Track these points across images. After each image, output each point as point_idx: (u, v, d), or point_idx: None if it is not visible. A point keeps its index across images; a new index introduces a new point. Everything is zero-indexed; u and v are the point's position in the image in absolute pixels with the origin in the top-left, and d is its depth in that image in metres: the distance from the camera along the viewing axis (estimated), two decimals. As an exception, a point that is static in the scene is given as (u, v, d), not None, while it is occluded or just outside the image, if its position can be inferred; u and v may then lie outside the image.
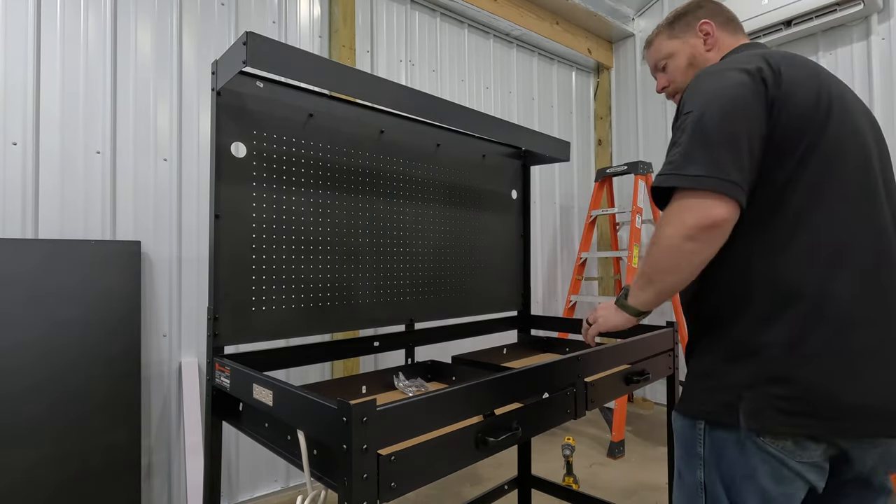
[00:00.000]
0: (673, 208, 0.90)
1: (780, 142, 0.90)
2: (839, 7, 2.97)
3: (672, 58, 1.21)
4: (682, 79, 1.20)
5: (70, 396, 1.95)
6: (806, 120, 0.90)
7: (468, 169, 2.02)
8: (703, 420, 0.94)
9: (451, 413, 1.02)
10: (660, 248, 0.92)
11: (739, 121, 0.89)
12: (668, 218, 0.90)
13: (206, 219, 2.39)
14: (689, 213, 0.87)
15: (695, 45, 1.18)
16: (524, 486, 2.19)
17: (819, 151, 0.90)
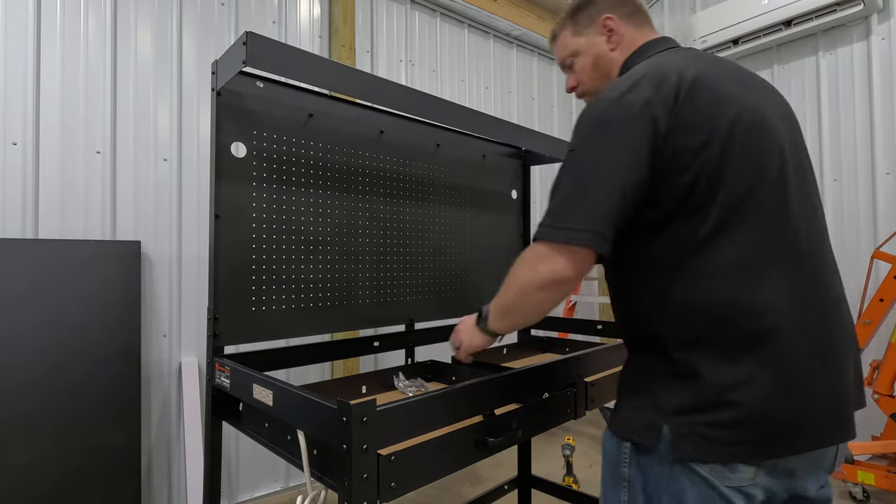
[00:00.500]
0: (533, 252, 0.89)
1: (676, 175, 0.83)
2: (839, 7, 2.97)
3: (577, 56, 1.12)
4: (589, 81, 1.12)
5: (70, 396, 1.95)
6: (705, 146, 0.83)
7: (468, 169, 2.02)
8: (629, 442, 0.89)
9: (451, 413, 1.02)
10: (513, 289, 0.95)
11: (617, 165, 0.83)
12: (527, 261, 0.91)
13: (206, 219, 2.39)
14: (544, 264, 0.87)
15: (599, 43, 1.08)
16: (524, 486, 2.19)
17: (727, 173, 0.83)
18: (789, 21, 3.15)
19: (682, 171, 0.83)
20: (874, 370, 2.55)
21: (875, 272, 2.76)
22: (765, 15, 3.18)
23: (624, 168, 0.83)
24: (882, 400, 2.46)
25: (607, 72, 1.08)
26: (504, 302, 1.00)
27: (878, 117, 3.02)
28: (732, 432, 0.80)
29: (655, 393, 0.87)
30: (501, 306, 1.02)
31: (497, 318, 1.05)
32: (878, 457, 2.63)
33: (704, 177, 0.83)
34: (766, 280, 0.83)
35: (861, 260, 3.01)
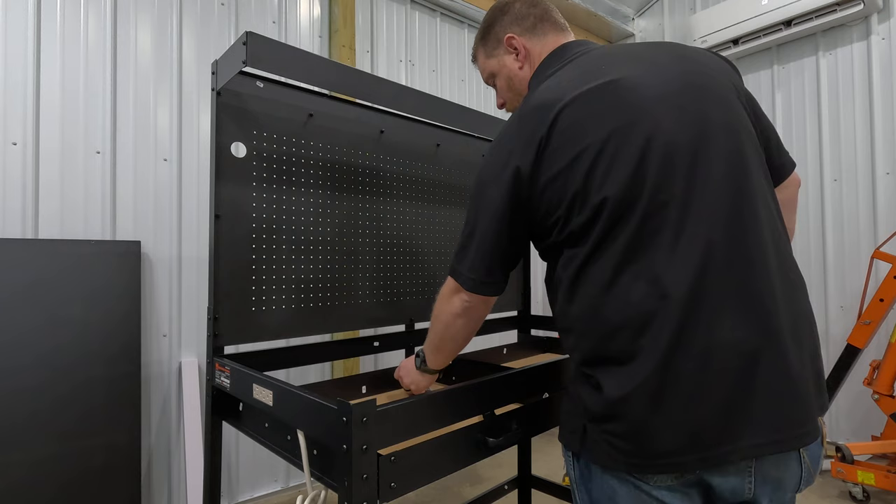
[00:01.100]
0: (447, 287, 1.05)
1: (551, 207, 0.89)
2: (839, 7, 2.98)
3: (495, 77, 1.15)
4: (510, 101, 1.15)
5: (70, 396, 1.95)
6: (567, 172, 0.85)
7: (468, 169, 2.02)
8: (568, 449, 0.92)
9: (451, 413, 1.02)
10: (439, 323, 1.08)
11: (492, 217, 0.95)
12: (444, 296, 1.06)
13: (206, 219, 2.39)
14: (456, 297, 1.02)
15: (508, 63, 1.10)
16: (524, 486, 2.19)
17: (591, 195, 0.83)
18: (789, 21, 3.15)
19: (553, 204, 0.89)
20: (874, 370, 2.55)
21: (875, 272, 2.76)
22: (765, 15, 3.18)
23: (496, 220, 0.94)
24: (882, 400, 2.46)
25: (520, 90, 1.10)
26: (434, 338, 1.12)
27: (878, 117, 3.02)
28: (626, 443, 0.80)
29: (580, 398, 0.89)
30: (433, 344, 1.13)
31: (432, 356, 1.16)
32: (878, 457, 2.63)
33: (574, 205, 0.86)
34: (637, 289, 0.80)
35: (861, 260, 3.02)
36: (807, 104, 3.31)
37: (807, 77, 3.31)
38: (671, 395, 0.78)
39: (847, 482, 2.47)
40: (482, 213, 0.96)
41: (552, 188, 0.88)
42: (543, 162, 0.88)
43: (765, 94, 3.50)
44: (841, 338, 2.88)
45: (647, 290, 0.80)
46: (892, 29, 3.00)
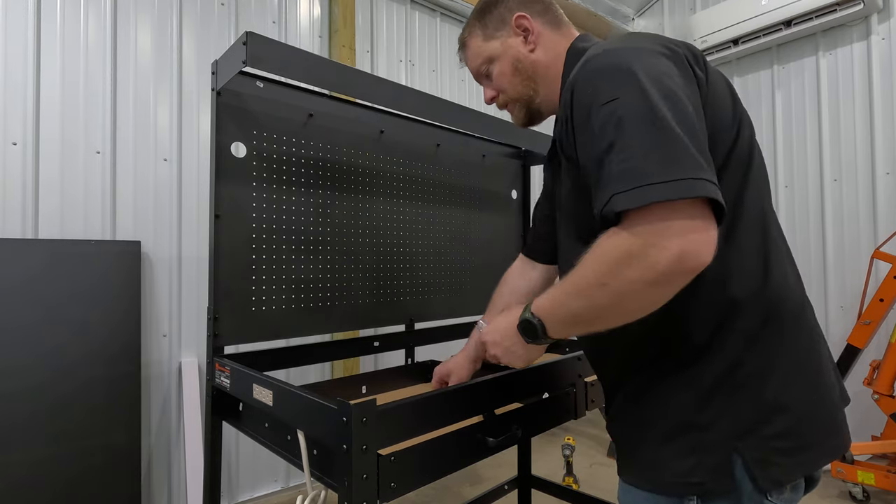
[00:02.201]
0: (645, 232, 0.63)
1: (710, 132, 0.72)
2: (839, 7, 2.98)
3: (494, 63, 1.01)
4: (511, 88, 1.01)
5: (70, 396, 1.95)
6: (728, 115, 0.77)
7: (468, 169, 2.02)
8: (694, 495, 0.72)
9: (451, 413, 1.02)
10: (610, 292, 0.67)
11: (689, 102, 0.69)
12: (632, 250, 0.64)
13: (206, 219, 2.39)
14: (666, 250, 0.62)
15: (515, 45, 0.98)
16: (524, 486, 2.19)
17: (738, 152, 0.77)
18: (789, 21, 3.15)
19: (722, 134, 0.75)
20: (874, 370, 2.55)
21: (875, 272, 2.76)
22: (765, 15, 3.18)
23: (693, 113, 0.68)
24: (882, 400, 2.46)
25: (530, 75, 0.98)
26: (580, 308, 0.73)
27: (878, 117, 3.02)
28: (802, 436, 0.72)
29: (709, 422, 0.72)
30: (574, 314, 0.74)
31: (563, 327, 0.79)
32: (878, 457, 2.63)
33: (738, 150, 0.76)
34: (793, 274, 0.82)
35: (861, 260, 3.01)
36: (807, 104, 3.31)
37: (807, 77, 3.31)
38: (815, 373, 0.77)
39: (847, 482, 2.47)
40: (673, 89, 0.70)
41: (718, 118, 0.79)
42: (711, 91, 0.78)
43: (765, 94, 3.51)
44: (841, 338, 2.88)
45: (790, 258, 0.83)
46: (892, 29, 3.00)
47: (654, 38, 0.77)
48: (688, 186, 0.61)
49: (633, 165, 0.64)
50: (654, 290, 0.65)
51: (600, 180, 0.68)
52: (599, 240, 0.68)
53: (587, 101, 0.72)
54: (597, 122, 0.70)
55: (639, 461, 0.79)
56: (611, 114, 0.68)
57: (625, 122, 0.66)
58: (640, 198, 0.62)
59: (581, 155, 0.75)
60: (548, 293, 0.79)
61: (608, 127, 0.68)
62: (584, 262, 0.70)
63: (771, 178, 3.41)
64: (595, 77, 0.72)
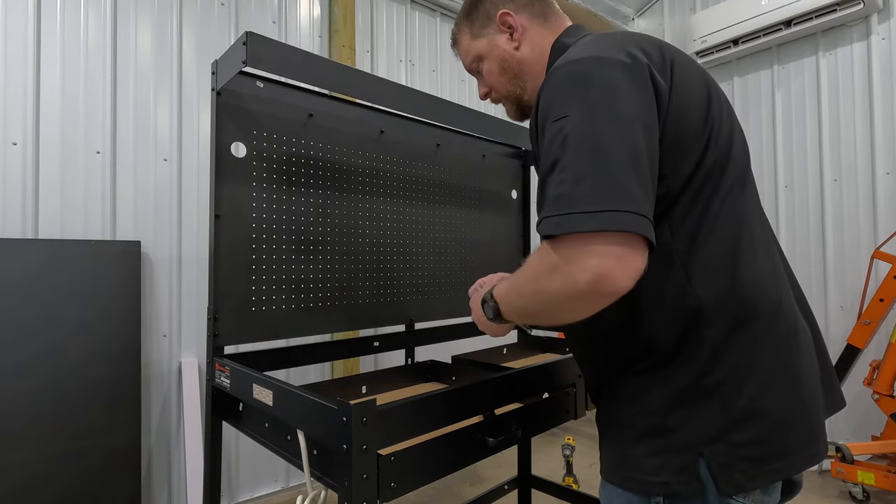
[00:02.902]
0: (565, 254, 0.66)
1: (674, 144, 0.74)
2: (839, 7, 2.98)
3: (483, 61, 1.01)
4: (500, 87, 1.01)
5: (70, 396, 1.95)
6: (697, 123, 0.77)
7: (468, 169, 2.02)
8: (660, 496, 0.74)
9: (451, 413, 1.02)
10: (537, 298, 0.73)
11: (638, 128, 0.69)
12: (555, 266, 0.67)
13: (206, 219, 2.39)
14: (583, 272, 0.64)
15: (501, 43, 0.97)
16: (524, 486, 2.19)
17: (708, 164, 0.77)
18: (789, 21, 3.15)
19: (686, 150, 0.75)
20: (874, 370, 2.55)
21: (875, 272, 2.76)
22: (765, 15, 3.18)
23: (640, 134, 0.69)
24: (882, 400, 2.46)
25: (517, 73, 0.98)
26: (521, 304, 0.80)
27: (878, 117, 3.02)
28: (773, 445, 0.72)
29: (676, 425, 0.74)
30: (519, 308, 0.82)
31: (516, 317, 0.85)
32: (878, 457, 2.63)
33: (708, 162, 0.76)
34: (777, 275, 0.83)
35: (861, 260, 3.01)
36: (807, 104, 3.31)
37: (807, 77, 3.31)
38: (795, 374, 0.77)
39: (847, 482, 2.47)
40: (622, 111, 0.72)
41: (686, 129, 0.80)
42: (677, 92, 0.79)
43: (765, 94, 3.51)
44: (841, 338, 2.88)
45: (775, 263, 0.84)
46: (892, 29, 3.00)
47: (624, 41, 0.77)
48: (609, 219, 0.63)
49: (564, 191, 0.67)
50: (577, 304, 0.69)
51: (540, 200, 0.73)
52: (536, 250, 0.74)
53: (544, 113, 0.74)
54: (547, 137, 0.72)
55: (613, 458, 0.81)
56: (559, 131, 0.70)
57: (568, 142, 0.68)
58: (563, 225, 0.66)
59: (539, 166, 0.77)
60: (504, 283, 0.84)
61: (554, 145, 0.70)
62: (525, 266, 0.76)
63: (771, 179, 3.44)
64: (553, 90, 0.74)
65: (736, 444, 0.71)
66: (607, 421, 0.85)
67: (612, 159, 0.66)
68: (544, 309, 0.75)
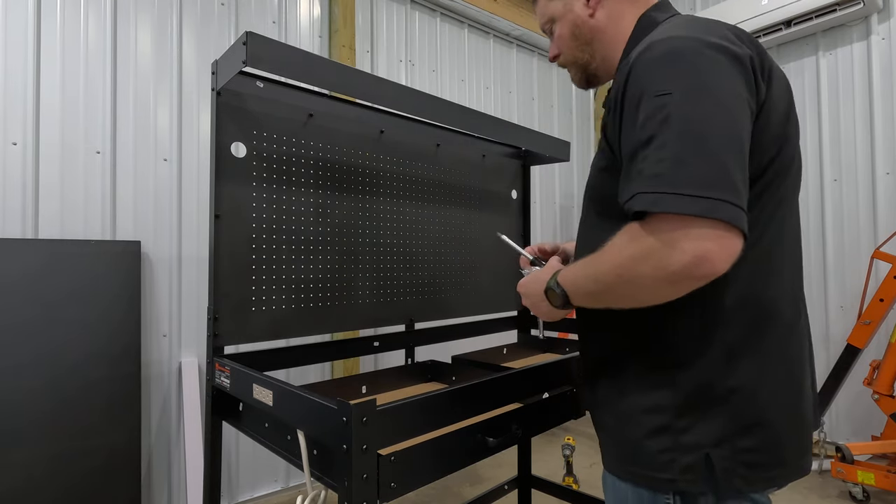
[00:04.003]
0: (662, 236, 0.65)
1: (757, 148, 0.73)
2: (839, 7, 2.97)
3: (556, 23, 0.99)
4: (568, 52, 0.99)
5: (70, 396, 1.95)
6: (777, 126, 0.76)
7: (468, 169, 2.02)
8: (669, 493, 0.76)
9: (451, 413, 1.02)
10: (620, 282, 0.71)
11: (741, 116, 0.68)
12: (649, 249, 0.66)
13: (206, 219, 2.39)
14: (681, 253, 0.64)
15: (575, 9, 0.95)
16: (524, 486, 2.19)
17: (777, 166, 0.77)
18: (789, 21, 3.15)
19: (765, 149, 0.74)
20: (874, 370, 2.55)
21: (875, 272, 2.76)
22: (765, 15, 3.18)
23: (743, 123, 0.68)
24: (882, 400, 2.46)
25: (588, 40, 0.96)
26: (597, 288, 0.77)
27: (878, 117, 3.02)
28: (773, 454, 0.74)
29: (686, 426, 0.74)
30: (591, 292, 0.79)
31: (584, 301, 0.82)
32: (878, 457, 2.63)
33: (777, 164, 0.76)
34: (794, 284, 0.83)
35: (861, 260, 3.01)
36: (807, 104, 3.31)
37: (807, 77, 3.31)
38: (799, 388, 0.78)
39: (847, 482, 2.47)
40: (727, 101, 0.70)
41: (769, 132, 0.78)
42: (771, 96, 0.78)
43: (765, 94, 3.50)
44: (841, 338, 2.88)
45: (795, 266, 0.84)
46: (892, 29, 3.00)
47: (726, 28, 0.75)
48: (711, 206, 0.62)
49: (664, 170, 0.65)
50: (665, 288, 0.68)
51: (630, 172, 0.70)
52: (622, 232, 0.71)
53: (640, 87, 0.71)
54: (643, 112, 0.69)
55: (619, 452, 0.82)
56: (660, 107, 0.68)
57: (671, 120, 0.66)
58: (661, 204, 0.64)
59: (623, 140, 0.74)
60: (571, 268, 0.82)
61: (653, 120, 0.68)
62: (605, 249, 0.73)
63: (771, 178, 3.43)
64: (653, 64, 0.71)
65: (740, 450, 0.73)
66: (613, 412, 0.84)
67: (716, 146, 0.65)
68: (625, 293, 0.73)
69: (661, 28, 0.80)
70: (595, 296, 0.78)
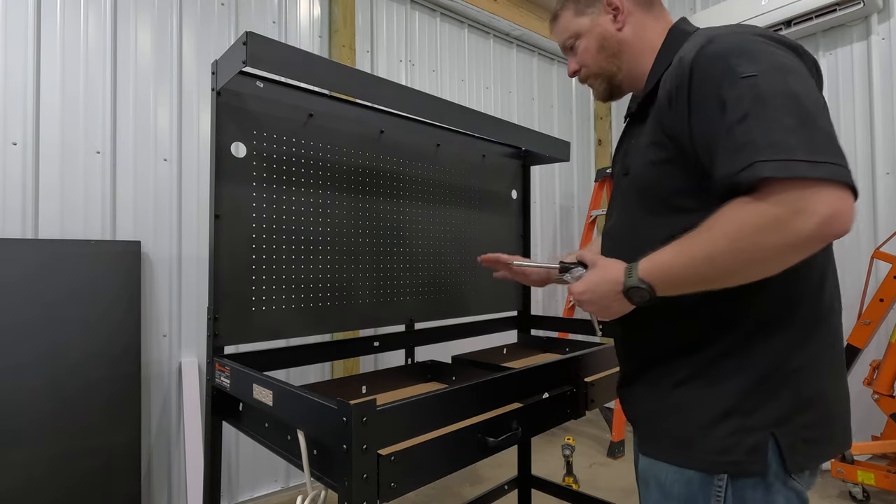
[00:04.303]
0: (790, 201, 0.65)
1: None
2: (839, 7, 2.97)
3: (580, 38, 1.03)
4: (594, 63, 1.02)
5: (70, 396, 1.95)
6: None
7: (468, 169, 2.02)
8: (725, 473, 0.78)
9: (451, 413, 1.02)
10: (745, 258, 0.70)
11: (820, 91, 0.75)
12: (774, 218, 0.66)
13: (206, 219, 2.39)
14: (813, 216, 0.64)
15: (603, 23, 0.99)
16: (524, 486, 2.19)
17: None
18: (789, 21, 3.15)
19: None
20: (874, 370, 2.54)
21: (875, 272, 2.75)
22: (765, 15, 3.18)
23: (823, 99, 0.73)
24: (882, 400, 2.46)
25: (615, 52, 1.00)
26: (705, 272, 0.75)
27: (878, 117, 3.02)
28: (824, 430, 0.80)
29: (753, 407, 0.78)
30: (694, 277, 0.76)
31: (674, 290, 0.79)
32: (878, 457, 2.63)
33: None
34: None
35: (861, 260, 3.01)
36: (807, 104, 3.30)
37: (807, 77, 3.31)
38: (840, 367, 0.84)
39: (847, 482, 2.47)
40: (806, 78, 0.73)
41: None
42: None
43: (765, 94, 3.50)
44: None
45: None
46: (892, 29, 3.00)
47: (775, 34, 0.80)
48: (833, 171, 0.65)
49: (778, 139, 0.66)
50: (791, 254, 0.69)
51: (726, 147, 0.71)
52: (729, 209, 0.71)
53: (715, 75, 0.74)
54: (732, 94, 0.71)
55: (674, 439, 0.84)
56: (751, 87, 0.70)
57: (766, 98, 0.69)
58: (788, 170, 0.65)
59: (699, 126, 0.76)
60: (657, 259, 0.79)
61: (744, 100, 0.70)
62: (712, 229, 0.73)
63: (771, 178, 3.43)
64: (724, 54, 0.75)
65: (800, 426, 0.77)
66: (670, 401, 0.86)
67: (815, 114, 0.68)
68: (741, 268, 0.72)
69: (699, 34, 0.85)
70: (695, 280, 0.76)
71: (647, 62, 0.96)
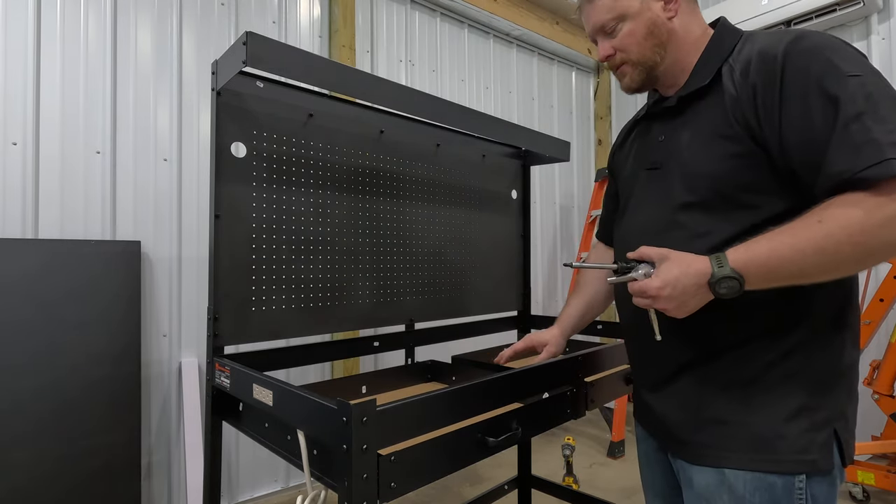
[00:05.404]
0: None
1: None
2: (839, 7, 2.97)
3: (626, 21, 0.94)
4: (637, 49, 0.95)
5: (70, 396, 1.95)
6: None
7: (468, 169, 2.02)
8: (803, 473, 0.78)
9: (451, 413, 1.02)
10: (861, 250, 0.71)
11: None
12: None
13: (206, 219, 2.39)
14: None
15: (654, 9, 0.93)
16: (524, 486, 2.19)
17: None
18: (789, 21, 3.15)
19: None
20: (874, 370, 2.54)
21: (875, 272, 2.75)
22: (765, 15, 3.18)
23: None
24: (882, 400, 2.46)
25: (663, 41, 0.95)
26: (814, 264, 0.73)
27: (878, 117, 3.02)
28: (855, 425, 0.84)
29: (818, 404, 0.79)
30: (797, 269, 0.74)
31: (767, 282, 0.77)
32: (878, 457, 2.63)
33: None
34: None
35: (861, 260, 3.01)
36: (807, 104, 3.30)
37: (807, 77, 3.31)
38: None
39: (847, 482, 2.47)
40: None
41: None
42: None
43: (765, 94, 3.50)
44: (841, 338, 2.87)
45: None
46: (892, 29, 3.00)
47: None
48: None
49: None
50: None
51: (842, 143, 0.72)
52: (847, 203, 0.71)
53: (818, 69, 0.75)
54: (841, 91, 0.73)
55: (747, 443, 0.82)
56: (860, 86, 0.72)
57: (877, 98, 0.71)
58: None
59: (793, 120, 0.76)
60: (751, 250, 0.77)
61: (857, 99, 0.72)
62: (824, 222, 0.72)
63: (771, 178, 3.43)
64: (821, 51, 0.76)
65: (850, 420, 0.82)
66: (741, 403, 0.83)
67: None
68: (853, 259, 0.72)
69: (762, 33, 0.87)
70: (797, 272, 0.74)
71: (690, 56, 0.94)
